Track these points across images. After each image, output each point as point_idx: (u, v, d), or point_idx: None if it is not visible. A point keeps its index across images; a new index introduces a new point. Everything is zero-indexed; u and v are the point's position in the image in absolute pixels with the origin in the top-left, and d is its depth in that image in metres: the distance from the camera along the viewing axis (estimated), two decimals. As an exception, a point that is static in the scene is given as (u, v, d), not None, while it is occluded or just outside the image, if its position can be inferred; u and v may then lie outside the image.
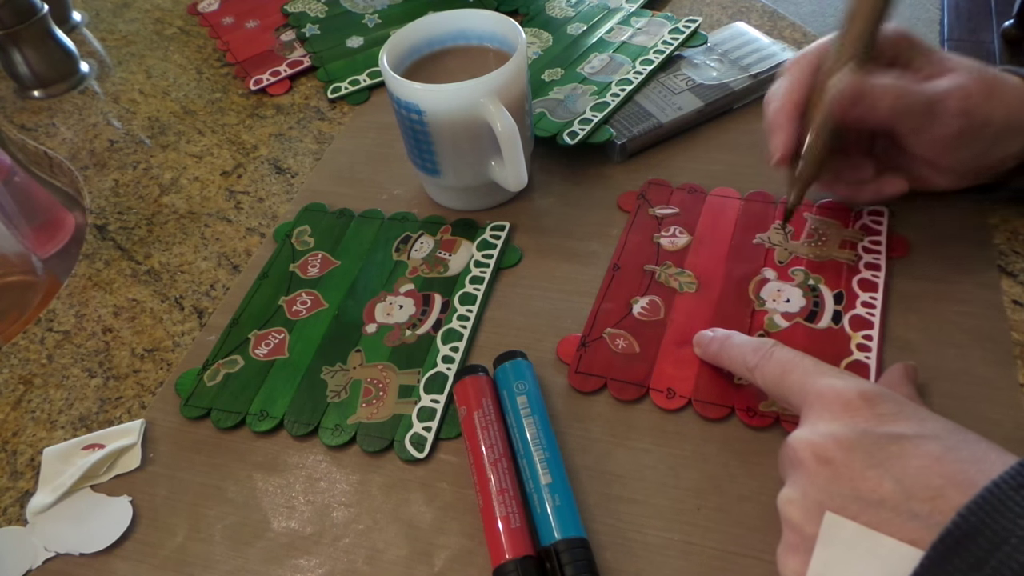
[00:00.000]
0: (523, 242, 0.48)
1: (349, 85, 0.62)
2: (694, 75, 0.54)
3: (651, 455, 0.37)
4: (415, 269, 0.47)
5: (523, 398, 0.37)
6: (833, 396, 0.29)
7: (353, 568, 0.35)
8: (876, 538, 0.25)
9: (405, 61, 0.48)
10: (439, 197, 0.51)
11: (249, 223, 0.52)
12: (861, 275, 0.42)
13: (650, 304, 0.43)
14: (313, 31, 0.67)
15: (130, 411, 0.42)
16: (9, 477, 0.40)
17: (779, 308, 0.41)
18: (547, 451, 0.35)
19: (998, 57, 1.90)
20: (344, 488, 0.38)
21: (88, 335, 0.47)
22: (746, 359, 0.35)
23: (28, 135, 0.63)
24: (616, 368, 0.40)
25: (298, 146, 0.58)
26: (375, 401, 0.40)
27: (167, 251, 0.51)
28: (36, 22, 0.63)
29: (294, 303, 0.46)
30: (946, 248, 0.43)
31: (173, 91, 0.65)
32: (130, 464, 0.40)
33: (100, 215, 0.55)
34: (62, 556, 0.37)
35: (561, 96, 0.54)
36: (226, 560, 0.36)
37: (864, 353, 0.38)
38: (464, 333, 0.43)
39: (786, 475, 0.30)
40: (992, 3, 2.07)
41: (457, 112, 0.43)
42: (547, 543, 0.32)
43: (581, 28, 0.61)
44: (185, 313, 0.47)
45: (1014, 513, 0.23)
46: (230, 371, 0.43)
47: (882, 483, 0.26)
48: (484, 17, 0.48)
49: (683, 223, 0.47)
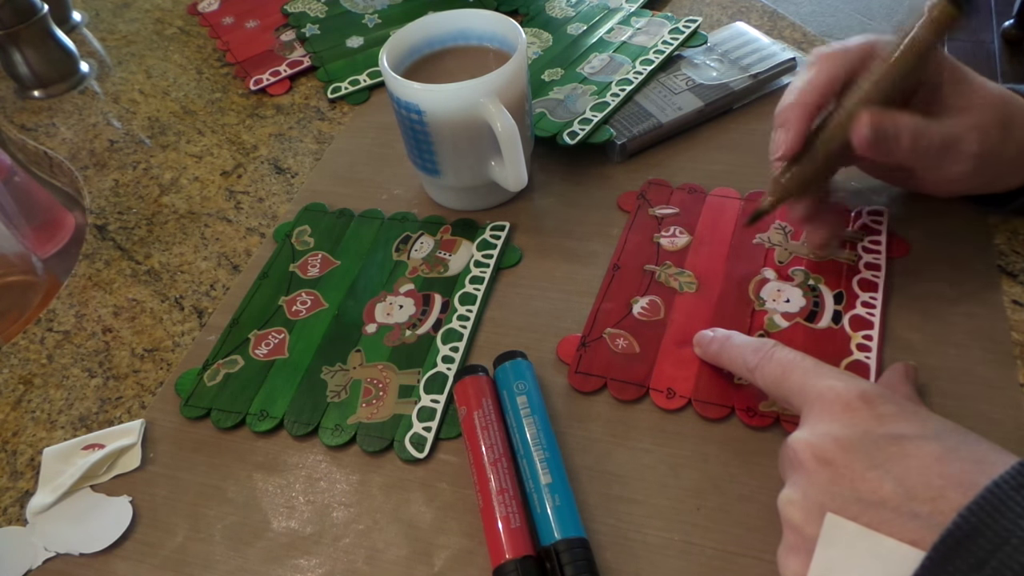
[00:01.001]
0: (523, 242, 0.48)
1: (349, 85, 0.62)
2: (694, 75, 0.54)
3: (651, 455, 0.37)
4: (415, 269, 0.47)
5: (523, 398, 0.37)
6: (833, 397, 0.29)
7: (353, 568, 0.35)
8: (877, 539, 0.25)
9: (405, 61, 0.48)
10: (439, 197, 0.51)
11: (249, 223, 0.52)
12: (861, 275, 0.42)
13: (650, 304, 0.43)
14: (313, 31, 0.67)
15: (130, 411, 0.42)
16: (9, 477, 0.40)
17: (779, 308, 0.41)
18: (547, 451, 0.35)
19: (998, 57, 1.90)
20: (344, 488, 0.38)
21: (88, 335, 0.47)
22: (746, 359, 0.35)
23: (28, 135, 0.63)
24: (616, 368, 0.40)
25: (298, 146, 0.58)
26: (375, 401, 0.40)
27: (167, 251, 0.51)
28: (36, 22, 0.63)
29: (294, 303, 0.46)
30: (946, 248, 0.43)
31: (173, 91, 0.65)
32: (130, 464, 0.40)
33: (100, 215, 0.55)
34: (62, 556, 0.37)
35: (561, 96, 0.54)
36: (226, 560, 0.36)
37: (864, 353, 0.38)
38: (464, 333, 0.43)
39: (786, 476, 0.30)
40: (992, 3, 2.07)
41: (457, 112, 0.43)
42: (547, 543, 0.32)
43: (581, 28, 0.61)
44: (185, 313, 0.47)
45: (1015, 513, 0.23)
46: (230, 371, 0.43)
47: (883, 484, 0.26)
48: (484, 17, 0.48)
49: (683, 223, 0.47)
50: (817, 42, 0.59)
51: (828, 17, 2.07)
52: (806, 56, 0.57)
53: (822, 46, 0.39)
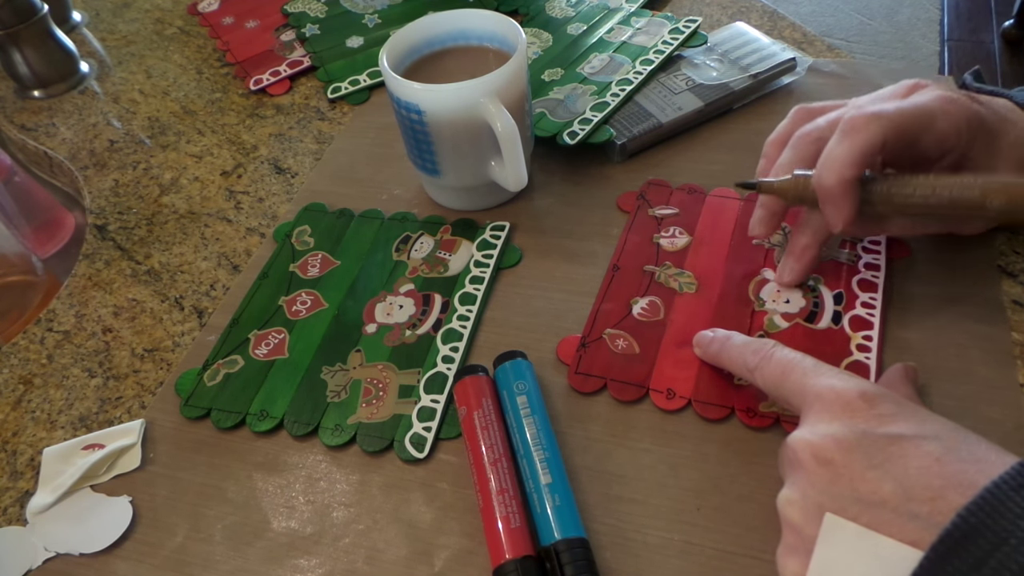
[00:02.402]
0: (523, 242, 0.48)
1: (349, 85, 0.62)
2: (694, 75, 0.54)
3: (651, 455, 0.37)
4: (415, 269, 0.47)
5: (523, 398, 0.37)
6: (833, 397, 0.29)
7: (353, 568, 0.35)
8: (876, 539, 0.25)
9: (405, 61, 0.48)
10: (439, 197, 0.51)
11: (249, 223, 0.52)
12: (861, 275, 0.42)
13: (650, 305, 0.43)
14: (313, 31, 0.67)
15: (130, 411, 0.42)
16: (9, 477, 0.40)
17: (779, 308, 0.41)
18: (547, 451, 0.35)
19: (998, 57, 1.90)
20: (344, 488, 0.38)
21: (88, 335, 0.47)
22: (746, 360, 0.35)
23: (28, 135, 0.63)
24: (616, 369, 0.40)
25: (298, 146, 0.58)
26: (375, 401, 0.40)
27: (167, 251, 0.51)
28: (36, 22, 0.63)
29: (294, 303, 0.46)
30: (946, 248, 0.43)
31: (173, 91, 0.65)
32: (130, 464, 0.40)
33: (100, 215, 0.55)
34: (62, 556, 0.37)
35: (561, 96, 0.54)
36: (226, 560, 0.36)
37: (864, 354, 0.38)
38: (464, 333, 0.43)
39: (786, 476, 0.30)
40: (992, 3, 2.07)
41: (457, 112, 0.43)
42: (547, 543, 0.32)
43: (581, 28, 0.61)
44: (185, 313, 0.47)
45: (1014, 514, 0.23)
46: (230, 371, 0.43)
47: (882, 484, 0.26)
48: (484, 17, 0.48)
49: (683, 223, 0.47)
50: (817, 42, 0.60)
51: (828, 17, 2.07)
52: (806, 56, 0.57)
53: (855, 112, 0.36)
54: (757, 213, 0.42)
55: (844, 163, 0.35)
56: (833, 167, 0.36)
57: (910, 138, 0.36)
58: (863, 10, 2.08)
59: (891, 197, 0.36)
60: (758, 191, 0.40)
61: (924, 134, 0.36)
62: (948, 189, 0.35)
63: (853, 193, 0.36)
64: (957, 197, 0.35)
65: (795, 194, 0.38)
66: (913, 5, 2.08)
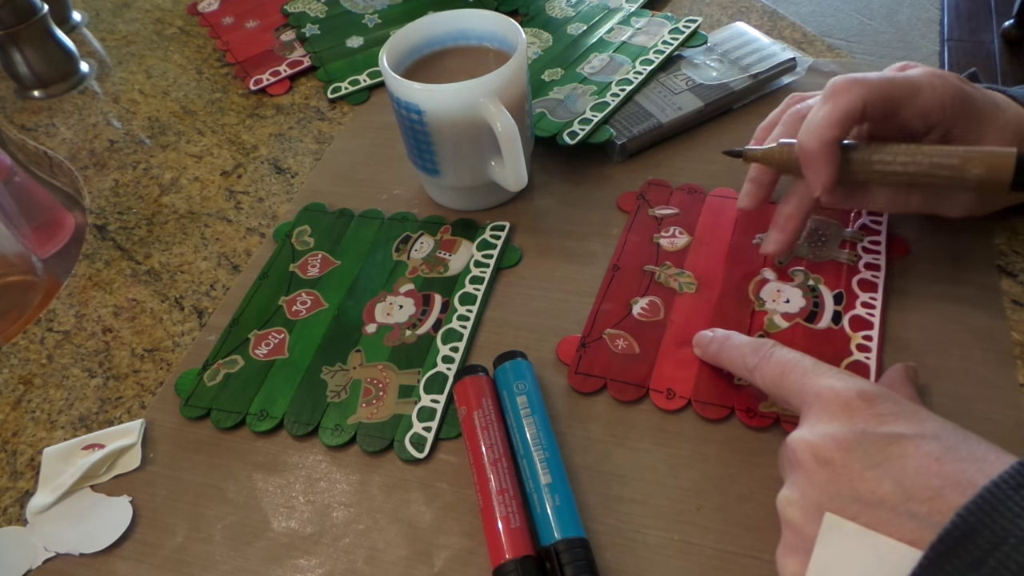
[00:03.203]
0: (523, 242, 0.48)
1: (349, 85, 0.62)
2: (694, 75, 0.54)
3: (651, 455, 0.37)
4: (415, 269, 0.47)
5: (523, 398, 0.37)
6: (832, 396, 0.29)
7: (353, 568, 0.35)
8: (875, 538, 0.25)
9: (405, 61, 0.48)
10: (439, 197, 0.51)
11: (249, 223, 0.52)
12: (861, 275, 0.42)
13: (650, 305, 0.43)
14: (313, 31, 0.67)
15: (130, 411, 0.42)
16: (9, 477, 0.40)
17: (779, 308, 0.41)
18: (547, 451, 0.35)
19: (998, 57, 1.90)
20: (344, 488, 0.38)
21: (88, 335, 0.47)
22: (746, 360, 0.35)
23: (28, 135, 0.63)
24: (616, 369, 0.40)
25: (298, 146, 0.58)
26: (375, 401, 0.40)
27: (167, 251, 0.51)
28: (36, 22, 0.63)
29: (294, 303, 0.46)
30: (946, 248, 0.43)
31: (173, 91, 0.65)
32: (130, 464, 0.40)
33: (100, 215, 0.55)
34: (62, 556, 0.37)
35: (561, 96, 0.54)
36: (226, 560, 0.36)
37: (864, 353, 0.38)
38: (464, 333, 0.43)
39: (785, 475, 0.30)
40: (992, 3, 2.07)
41: (457, 112, 0.43)
42: (547, 543, 0.32)
43: (581, 28, 0.61)
44: (185, 313, 0.47)
45: (1013, 513, 0.23)
46: (230, 371, 0.43)
47: (881, 483, 0.26)
48: (484, 17, 0.48)
49: (683, 223, 0.47)
50: (817, 42, 0.60)
51: (828, 17, 2.07)
52: (806, 56, 0.57)
53: (839, 77, 0.37)
54: (745, 187, 0.43)
55: (824, 124, 0.36)
56: (814, 129, 0.36)
57: (893, 106, 0.36)
58: (863, 10, 2.08)
59: (872, 164, 0.37)
60: (744, 159, 0.41)
61: (907, 104, 0.36)
62: (928, 157, 0.36)
63: (833, 155, 0.36)
64: (937, 164, 0.35)
65: (779, 160, 0.39)
66: (913, 5, 2.08)
